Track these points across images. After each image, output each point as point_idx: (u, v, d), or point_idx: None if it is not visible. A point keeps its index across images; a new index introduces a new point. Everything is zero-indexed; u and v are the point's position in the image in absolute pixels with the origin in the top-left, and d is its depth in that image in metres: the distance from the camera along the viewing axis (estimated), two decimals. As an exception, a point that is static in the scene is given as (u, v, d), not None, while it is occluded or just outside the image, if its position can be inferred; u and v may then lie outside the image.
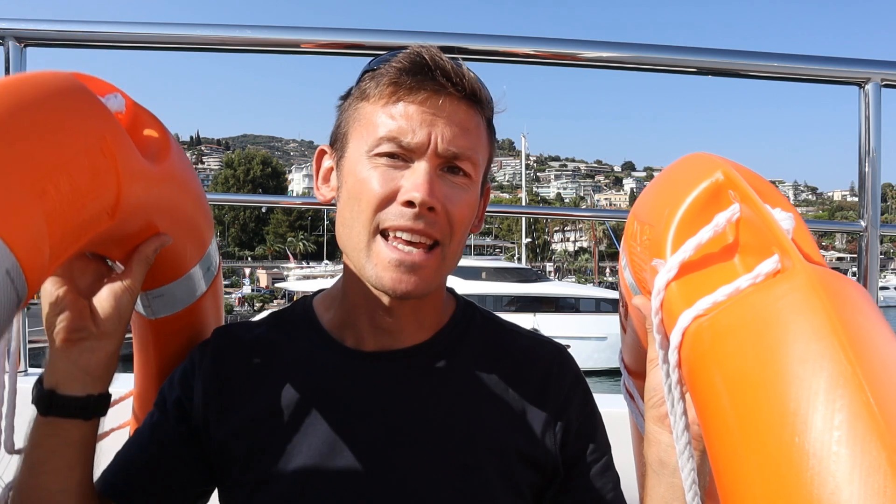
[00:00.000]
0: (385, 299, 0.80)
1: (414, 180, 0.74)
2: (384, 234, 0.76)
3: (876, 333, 0.43)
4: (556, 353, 0.89)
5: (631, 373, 0.90)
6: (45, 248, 0.57)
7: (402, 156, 0.76)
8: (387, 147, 0.75)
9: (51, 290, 0.73)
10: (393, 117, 0.75)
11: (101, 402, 0.76)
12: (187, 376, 0.85)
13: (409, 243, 0.75)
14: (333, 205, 0.85)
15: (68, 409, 0.74)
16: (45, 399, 0.73)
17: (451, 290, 0.92)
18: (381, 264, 0.75)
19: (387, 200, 0.75)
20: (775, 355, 0.42)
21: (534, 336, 0.92)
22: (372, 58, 0.83)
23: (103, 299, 0.75)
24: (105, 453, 0.82)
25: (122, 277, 0.76)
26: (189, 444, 0.83)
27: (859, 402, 0.37)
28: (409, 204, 0.74)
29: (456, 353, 0.85)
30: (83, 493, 0.76)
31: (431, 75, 0.75)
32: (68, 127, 0.62)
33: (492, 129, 0.84)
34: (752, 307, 0.48)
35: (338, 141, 0.83)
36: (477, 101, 0.79)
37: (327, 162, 0.86)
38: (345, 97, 0.84)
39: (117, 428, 1.02)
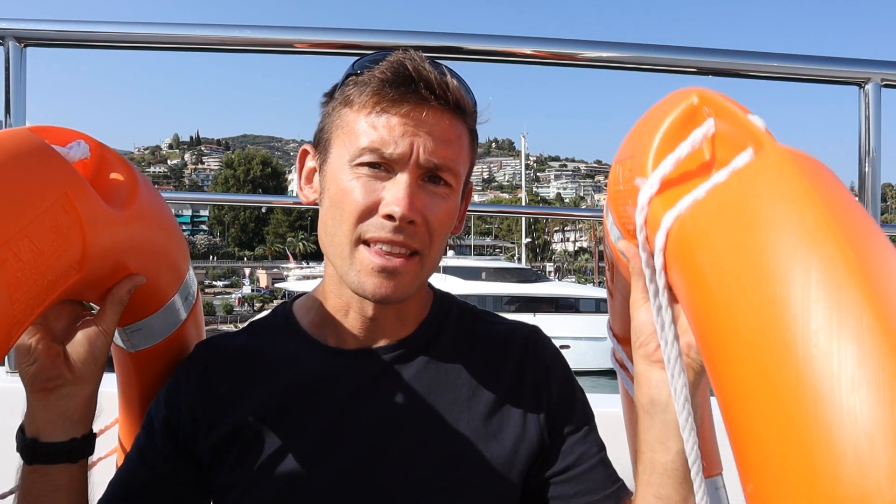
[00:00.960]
0: (367, 303, 0.81)
1: (395, 193, 0.74)
2: (366, 242, 0.76)
3: (844, 198, 0.45)
4: (531, 334, 0.91)
5: (620, 340, 0.90)
6: (8, 316, 0.57)
7: (383, 165, 0.76)
8: (368, 157, 0.75)
9: (24, 339, 0.72)
10: (375, 128, 0.75)
11: (86, 444, 0.77)
12: (172, 394, 0.85)
13: (389, 253, 0.76)
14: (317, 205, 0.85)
15: (53, 455, 0.74)
16: (29, 448, 0.73)
17: (427, 284, 0.93)
18: (363, 270, 0.76)
19: (368, 212, 0.76)
20: (757, 228, 0.44)
21: (508, 321, 0.94)
22: (360, 57, 0.82)
23: (77, 344, 0.75)
24: (92, 485, 0.81)
25: (96, 320, 0.76)
26: (179, 461, 0.83)
27: (832, 248, 0.39)
28: (390, 217, 0.74)
29: (436, 344, 0.86)
30: None
31: (415, 87, 0.75)
32: (26, 189, 0.60)
33: (474, 135, 0.84)
34: (729, 190, 0.50)
35: (321, 144, 0.83)
36: (460, 111, 0.79)
37: (310, 162, 0.86)
38: (329, 95, 0.84)
39: (104, 457, 1.01)
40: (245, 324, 1.00)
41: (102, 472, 0.87)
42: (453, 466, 0.79)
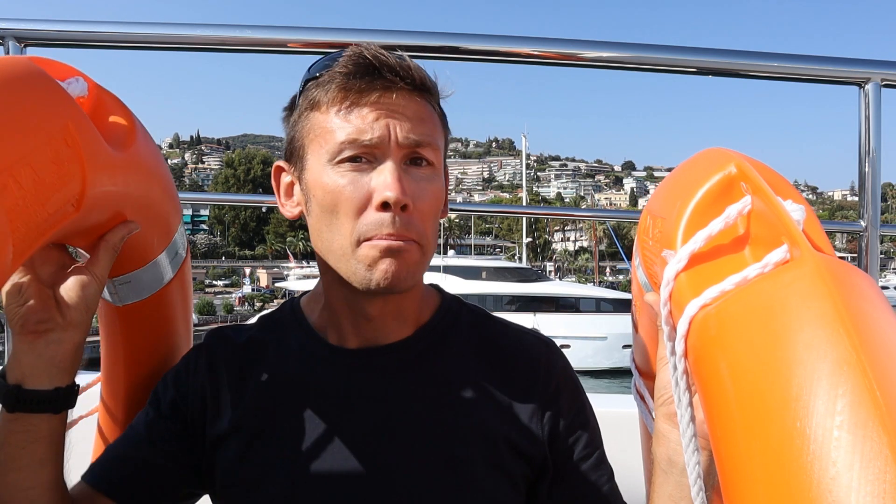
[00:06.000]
0: (367, 302, 0.80)
1: (384, 180, 0.73)
2: (367, 240, 0.75)
3: (881, 321, 0.43)
4: (543, 347, 0.89)
5: (642, 373, 0.90)
6: (7, 246, 0.55)
7: (365, 156, 0.75)
8: (349, 151, 0.74)
9: (14, 278, 0.71)
10: (349, 121, 0.74)
11: (70, 394, 0.75)
12: (181, 377, 0.86)
13: (390, 235, 0.74)
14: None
15: (37, 403, 0.72)
16: (12, 395, 0.71)
17: (435, 286, 0.92)
18: (370, 263, 0.74)
19: (362, 207, 0.74)
20: (779, 341, 0.42)
21: (522, 330, 0.92)
22: (314, 61, 0.81)
23: (69, 289, 0.73)
24: (73, 443, 0.80)
25: (89, 266, 0.75)
26: (182, 444, 0.83)
27: (862, 388, 0.37)
28: (385, 206, 0.73)
29: (441, 347, 0.85)
30: (54, 489, 0.75)
31: (380, 74, 0.74)
32: (28, 117, 0.59)
33: (444, 116, 0.84)
34: (759, 295, 0.48)
35: (294, 155, 0.81)
36: (427, 91, 0.79)
37: (286, 178, 0.84)
38: (290, 108, 0.83)
39: (86, 415, 1.00)
40: (254, 319, 1.00)
41: (83, 430, 0.86)
42: (454, 471, 0.78)
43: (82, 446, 0.84)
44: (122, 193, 0.75)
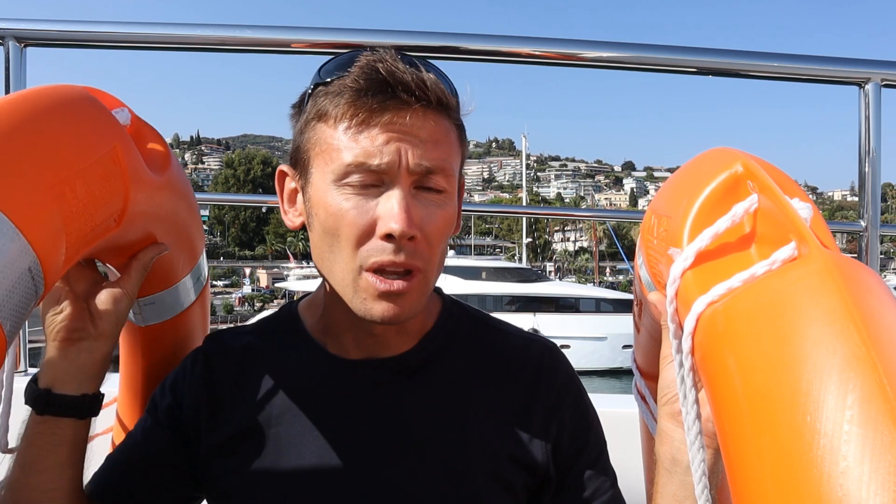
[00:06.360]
0: (369, 323, 0.77)
1: (390, 209, 0.70)
2: (368, 268, 0.72)
3: (890, 317, 0.43)
4: (545, 352, 0.87)
5: (643, 374, 0.89)
6: (61, 249, 0.61)
7: (372, 180, 0.71)
8: (355, 174, 0.70)
9: (52, 290, 0.75)
10: (357, 141, 0.70)
11: (95, 402, 0.79)
12: (178, 383, 0.85)
13: (391, 274, 0.72)
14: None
15: (64, 407, 0.76)
16: (42, 398, 0.76)
17: (436, 290, 0.89)
18: (369, 298, 0.72)
19: (366, 235, 0.71)
20: (789, 337, 0.42)
21: (523, 334, 0.89)
22: (325, 62, 0.77)
23: (102, 301, 0.78)
24: (88, 459, 0.82)
25: (121, 282, 0.80)
26: (180, 450, 0.83)
27: (872, 383, 0.37)
28: (389, 237, 0.70)
29: (442, 357, 0.83)
30: (73, 492, 0.78)
31: (393, 92, 0.69)
32: (84, 136, 0.67)
33: (461, 129, 0.78)
34: (767, 292, 0.48)
35: (298, 164, 0.77)
36: (444, 108, 0.74)
37: (291, 184, 0.80)
38: (298, 106, 0.79)
39: (101, 433, 1.02)
40: (253, 319, 1.02)
41: (97, 448, 0.87)
42: (453, 484, 0.77)
43: (95, 464, 0.86)
44: (156, 214, 0.82)
